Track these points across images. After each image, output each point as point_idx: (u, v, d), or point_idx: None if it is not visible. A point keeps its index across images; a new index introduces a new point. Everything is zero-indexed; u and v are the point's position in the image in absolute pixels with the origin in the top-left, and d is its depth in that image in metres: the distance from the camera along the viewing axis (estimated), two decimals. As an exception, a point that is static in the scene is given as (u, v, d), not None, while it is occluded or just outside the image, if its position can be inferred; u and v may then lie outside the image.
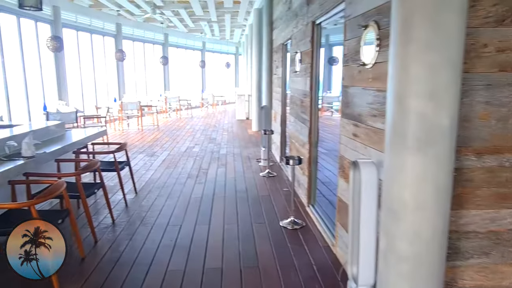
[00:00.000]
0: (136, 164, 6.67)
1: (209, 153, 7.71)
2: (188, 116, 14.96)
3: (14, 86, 8.79)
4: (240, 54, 22.41)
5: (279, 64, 6.63)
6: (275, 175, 5.95)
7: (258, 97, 10.93)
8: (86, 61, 11.86)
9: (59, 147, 3.93)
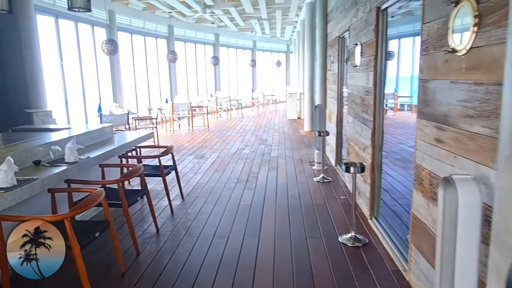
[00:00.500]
0: (184, 167, 6.49)
1: (260, 155, 7.35)
2: (238, 116, 14.78)
3: (72, 89, 9.08)
4: (291, 52, 21.90)
5: (335, 59, 6.10)
6: (330, 181, 5.44)
7: (311, 95, 10.41)
8: (139, 63, 12.08)
9: (103, 151, 3.77)
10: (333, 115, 6.40)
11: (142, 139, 4.91)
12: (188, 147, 8.30)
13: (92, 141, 4.20)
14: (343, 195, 4.79)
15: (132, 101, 11.70)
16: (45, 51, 8.30)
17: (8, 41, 7.34)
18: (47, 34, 8.34)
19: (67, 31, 8.91)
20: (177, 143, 8.85)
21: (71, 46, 9.03)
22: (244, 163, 6.73)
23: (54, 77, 8.52)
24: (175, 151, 7.76)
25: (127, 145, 4.41)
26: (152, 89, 12.82)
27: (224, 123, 12.71)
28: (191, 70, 15.33)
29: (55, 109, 8.59)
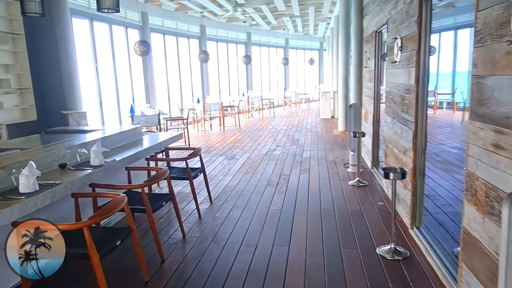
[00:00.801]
0: (214, 168, 6.37)
1: (291, 156, 7.11)
2: (270, 116, 14.58)
3: (107, 91, 9.25)
4: (325, 49, 21.41)
5: (371, 56, 5.75)
6: (366, 184, 5.12)
7: (345, 94, 10.03)
8: (172, 64, 12.16)
9: (129, 154, 3.69)
10: (369, 114, 6.05)
11: (171, 140, 4.82)
12: (219, 148, 8.20)
13: (120, 143, 4.15)
14: (380, 200, 4.47)
15: (164, 102, 11.80)
16: (81, 53, 8.48)
17: (45, 44, 7.53)
18: (83, 36, 8.52)
19: (101, 33, 9.08)
20: (208, 144, 8.79)
21: (105, 48, 9.19)
22: (275, 164, 6.52)
23: (89, 78, 8.69)
24: (205, 152, 7.68)
25: (155, 147, 4.32)
26: (184, 89, 12.89)
27: (255, 123, 12.56)
28: (223, 69, 15.31)
29: (90, 111, 8.77)
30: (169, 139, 4.72)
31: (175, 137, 4.94)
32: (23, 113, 7.17)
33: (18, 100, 7.03)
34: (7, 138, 6.40)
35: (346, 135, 9.38)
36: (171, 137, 4.76)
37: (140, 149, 4.00)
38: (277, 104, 18.40)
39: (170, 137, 4.80)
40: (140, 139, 4.58)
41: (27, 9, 4.58)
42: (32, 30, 7.25)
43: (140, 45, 9.01)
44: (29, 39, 7.09)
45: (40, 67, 7.43)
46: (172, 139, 4.87)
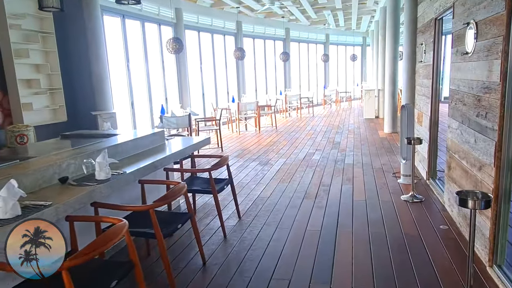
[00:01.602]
0: (246, 175, 5.80)
1: (332, 162, 6.40)
2: (309, 115, 13.83)
3: (139, 90, 8.98)
4: (368, 44, 20.25)
5: (429, 48, 4.92)
6: (422, 200, 4.32)
7: (392, 92, 9.12)
8: (206, 62, 11.76)
9: (144, 165, 3.19)
10: (424, 116, 5.22)
11: (196, 146, 4.30)
12: (253, 151, 7.62)
13: (137, 150, 3.68)
14: (442, 223, 3.68)
15: (198, 102, 11.43)
16: (112, 52, 8.23)
17: (75, 43, 7.32)
18: (114, 34, 8.27)
19: (134, 31, 8.80)
20: (242, 146, 8.24)
21: (138, 46, 8.91)
22: (313, 171, 5.85)
23: (120, 78, 8.44)
24: (238, 156, 7.14)
25: (176, 154, 3.81)
26: (220, 88, 12.46)
27: (293, 123, 11.88)
28: (259, 67, 14.73)
29: (121, 111, 8.52)
30: (193, 145, 4.21)
31: (201, 142, 4.42)
32: (53, 114, 6.98)
33: (48, 100, 6.84)
34: (35, 140, 6.17)
35: (393, 137, 8.49)
36: (196, 143, 4.24)
37: (158, 157, 3.50)
38: (316, 103, 17.58)
39: (195, 143, 4.28)
40: (161, 145, 4.10)
41: (44, 3, 4.24)
42: (63, 29, 7.05)
43: (173, 42, 8.62)
44: (60, 38, 6.88)
45: (70, 66, 7.23)
46: (198, 145, 4.36)
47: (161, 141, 4.19)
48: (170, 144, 4.28)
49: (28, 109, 6.41)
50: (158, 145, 4.08)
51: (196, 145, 4.23)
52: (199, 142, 4.36)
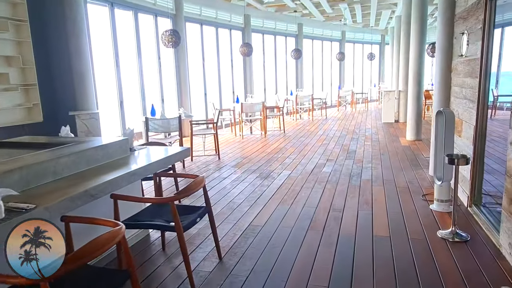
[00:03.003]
0: (240, 192, 4.78)
1: (346, 177, 5.33)
2: (321, 118, 12.73)
3: (132, 88, 8.07)
4: (387, 43, 19.00)
5: (475, 37, 3.81)
6: (467, 239, 3.23)
7: (417, 93, 7.98)
8: (210, 58, 10.78)
9: (72, 194, 2.20)
10: (465, 125, 4.11)
11: (169, 160, 3.31)
12: (254, 160, 6.60)
13: (84, 167, 2.72)
14: (502, 280, 2.59)
15: (200, 102, 10.47)
16: (99, 45, 7.33)
17: (53, 33, 6.44)
18: (102, 25, 7.36)
19: (125, 22, 7.89)
20: (242, 153, 7.23)
21: (130, 40, 7.99)
22: (323, 189, 4.79)
23: (109, 75, 7.54)
24: (235, 167, 6.12)
25: (133, 174, 2.81)
26: (225, 88, 11.47)
27: (303, 126, 10.81)
28: (269, 65, 13.69)
29: (108, 112, 7.62)
30: (164, 159, 3.21)
31: (177, 154, 3.42)
32: (27, 113, 6.10)
33: (20, 98, 5.96)
34: None
35: (417, 146, 7.35)
36: (166, 157, 3.24)
37: (104, 179, 2.51)
38: (330, 104, 16.46)
39: (168, 156, 3.28)
40: (123, 159, 3.12)
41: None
42: (39, 17, 6.17)
43: (170, 34, 7.67)
44: (35, 27, 6.00)
45: (47, 60, 6.34)
46: (172, 159, 3.36)
47: (122, 153, 3.21)
48: (137, 156, 3.30)
49: (-9, 107, 5.55)
50: (118, 159, 3.10)
51: (166, 159, 3.23)
52: (173, 155, 3.36)
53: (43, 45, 6.24)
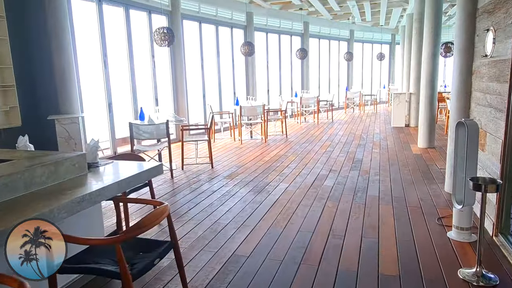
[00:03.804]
0: (228, 210, 4.21)
1: (350, 192, 4.73)
2: (327, 121, 12.10)
3: (122, 91, 7.56)
4: (397, 42, 18.27)
5: (504, 35, 3.19)
6: (496, 283, 2.62)
7: (430, 97, 7.34)
8: (209, 58, 10.23)
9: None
10: (489, 138, 3.49)
11: (137, 179, 2.75)
12: (249, 170, 6.02)
13: (25, 190, 2.19)
14: None
15: (199, 104, 9.93)
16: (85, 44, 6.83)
17: (33, 30, 5.96)
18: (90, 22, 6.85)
19: (116, 19, 7.38)
20: (238, 161, 6.66)
21: (121, 38, 7.48)
22: (322, 208, 4.20)
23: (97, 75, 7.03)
24: (227, 178, 5.55)
25: (84, 201, 2.25)
26: (225, 89, 10.91)
27: (308, 130, 10.20)
28: (273, 65, 13.10)
29: (96, 115, 7.12)
30: (127, 179, 2.65)
31: (142, 174, 2.85)
32: (4, 117, 5.61)
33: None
34: None
35: (430, 155, 6.71)
36: (131, 176, 2.68)
37: (29, 215, 1.96)
38: (337, 106, 15.82)
39: (130, 176, 2.71)
40: (77, 179, 2.58)
41: None
42: (17, 12, 5.69)
43: (162, 32, 7.14)
44: (12, 23, 5.52)
45: (26, 59, 5.86)
46: (135, 179, 2.80)
47: (77, 172, 2.66)
48: (97, 175, 2.76)
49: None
50: (70, 179, 2.56)
51: (135, 177, 2.67)
52: (141, 172, 2.80)
53: (22, 43, 5.76)
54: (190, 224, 3.83)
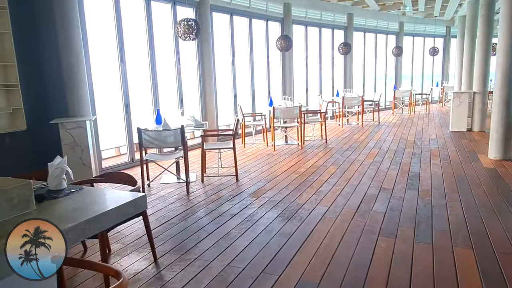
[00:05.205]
0: (247, 246, 3.23)
1: (408, 223, 3.60)
2: (373, 123, 10.81)
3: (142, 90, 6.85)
4: (453, 35, 16.41)
5: None
6: None
7: (506, 97, 5.95)
8: (242, 54, 9.33)
9: None
10: None
11: (102, 221, 1.87)
12: (280, 185, 5.02)
13: None
14: None
15: (229, 105, 9.07)
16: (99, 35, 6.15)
17: (38, 22, 5.34)
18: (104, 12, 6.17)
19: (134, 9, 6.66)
20: (269, 172, 5.68)
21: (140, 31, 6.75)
22: (373, 247, 3.12)
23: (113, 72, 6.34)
24: (254, 195, 4.58)
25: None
26: (259, 87, 9.96)
27: (351, 135, 9.01)
28: (312, 61, 11.96)
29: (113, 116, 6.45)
30: (87, 221, 1.75)
31: (112, 212, 1.95)
32: (6, 120, 5.03)
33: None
34: None
35: (508, 170, 5.37)
36: (94, 216, 1.79)
37: None
38: (383, 107, 14.37)
39: (93, 217, 1.82)
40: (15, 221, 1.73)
41: None
42: (21, 2, 5.08)
43: (185, 25, 6.31)
44: (16, 16, 4.92)
45: (31, 55, 5.25)
46: (100, 220, 1.90)
47: (19, 208, 1.83)
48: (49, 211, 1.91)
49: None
50: (7, 220, 1.72)
51: (101, 218, 1.79)
52: (112, 210, 1.91)
53: (26, 37, 5.14)
54: (194, 266, 2.91)
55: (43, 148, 5.21)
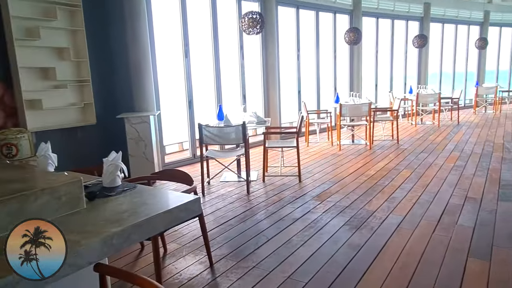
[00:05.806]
0: (310, 257, 2.91)
1: (505, 243, 3.01)
2: (451, 123, 9.79)
3: (206, 86, 6.80)
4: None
5: None
6: None
7: None
8: (307, 47, 8.94)
9: None
10: None
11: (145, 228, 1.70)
12: (347, 188, 4.60)
13: None
14: None
15: (293, 100, 8.74)
16: (164, 31, 6.18)
17: (110, 20, 5.48)
18: (168, 7, 6.19)
19: (198, 3, 6.60)
20: (334, 174, 5.27)
21: (205, 25, 6.69)
22: (462, 270, 2.63)
23: (179, 68, 6.35)
24: (318, 198, 4.23)
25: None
26: (324, 83, 9.49)
27: (425, 135, 8.20)
28: (383, 56, 11.15)
29: (178, 112, 6.47)
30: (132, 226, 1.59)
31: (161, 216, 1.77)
32: (78, 114, 5.24)
33: (71, 97, 5.12)
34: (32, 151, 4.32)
35: None
36: (141, 221, 1.62)
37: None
38: (463, 105, 13.04)
39: (140, 221, 1.66)
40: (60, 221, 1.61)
41: None
42: (92, 0, 5.24)
43: (251, 18, 6.13)
44: (88, 13, 5.08)
45: (100, 52, 5.38)
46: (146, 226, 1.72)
47: (66, 208, 1.72)
48: (99, 210, 1.80)
49: (35, 107, 4.77)
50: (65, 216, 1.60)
51: (148, 223, 1.61)
52: (161, 214, 1.73)
53: (98, 33, 5.29)
54: (252, 276, 2.66)
55: (111, 142, 5.34)
